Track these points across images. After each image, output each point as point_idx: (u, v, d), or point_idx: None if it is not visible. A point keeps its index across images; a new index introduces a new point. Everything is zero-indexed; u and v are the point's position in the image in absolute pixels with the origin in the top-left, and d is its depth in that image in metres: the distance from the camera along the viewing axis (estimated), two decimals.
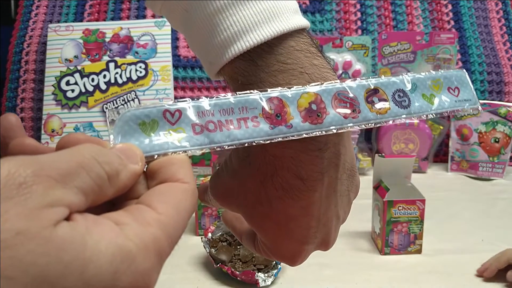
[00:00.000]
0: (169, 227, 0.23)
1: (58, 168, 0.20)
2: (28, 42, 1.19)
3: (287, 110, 0.30)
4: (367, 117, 0.32)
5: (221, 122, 0.29)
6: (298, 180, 0.32)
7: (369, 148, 1.13)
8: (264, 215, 0.34)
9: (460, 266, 0.66)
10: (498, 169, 1.06)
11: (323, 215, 0.35)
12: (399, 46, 1.08)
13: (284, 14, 0.32)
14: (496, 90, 1.17)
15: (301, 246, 0.36)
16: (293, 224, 0.34)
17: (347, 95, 0.31)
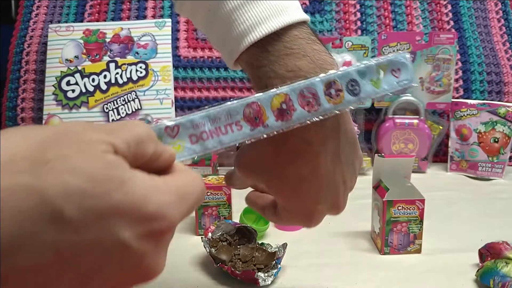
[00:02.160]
0: (184, 190, 0.29)
1: (107, 125, 0.27)
2: (28, 42, 1.19)
3: (263, 112, 0.37)
4: (326, 109, 0.38)
5: (211, 131, 0.35)
6: (305, 145, 0.40)
7: (369, 148, 1.13)
8: (280, 179, 0.41)
9: (460, 266, 0.67)
10: (497, 169, 1.06)
11: (330, 178, 0.42)
12: (399, 46, 1.09)
13: (289, 10, 0.41)
14: (495, 90, 1.17)
15: (314, 206, 0.43)
16: (305, 186, 0.41)
17: (310, 91, 0.37)
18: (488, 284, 0.60)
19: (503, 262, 0.60)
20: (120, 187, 0.25)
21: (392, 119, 1.09)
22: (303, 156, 0.40)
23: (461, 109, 1.09)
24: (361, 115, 1.12)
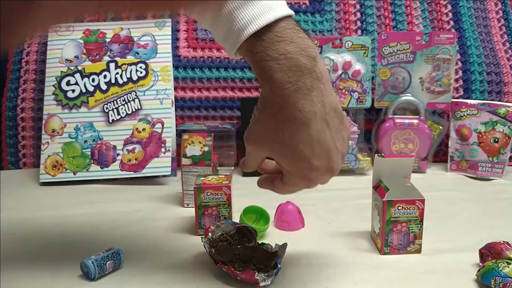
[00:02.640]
0: None
1: None
2: (28, 42, 1.19)
3: None
4: None
5: None
6: (298, 112, 0.50)
7: (369, 148, 1.13)
8: (281, 143, 0.52)
9: (460, 266, 0.67)
10: (497, 169, 1.06)
11: (322, 140, 0.52)
12: (399, 46, 1.09)
13: (277, 7, 0.51)
14: (495, 90, 1.17)
15: (311, 164, 0.53)
16: (301, 146, 0.52)
17: None
18: (489, 284, 0.60)
19: (504, 262, 0.60)
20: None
21: (392, 119, 1.09)
22: (297, 122, 0.51)
23: (461, 109, 1.09)
24: (361, 115, 1.12)
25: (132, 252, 0.69)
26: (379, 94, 1.11)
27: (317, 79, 0.51)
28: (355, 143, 1.08)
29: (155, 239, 0.76)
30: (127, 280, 0.64)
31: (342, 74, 1.09)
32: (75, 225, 0.82)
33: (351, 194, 0.96)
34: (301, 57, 0.50)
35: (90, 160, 1.05)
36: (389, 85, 1.11)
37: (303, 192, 0.96)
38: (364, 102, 1.10)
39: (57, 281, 0.64)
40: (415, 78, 1.10)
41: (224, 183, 0.76)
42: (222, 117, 1.17)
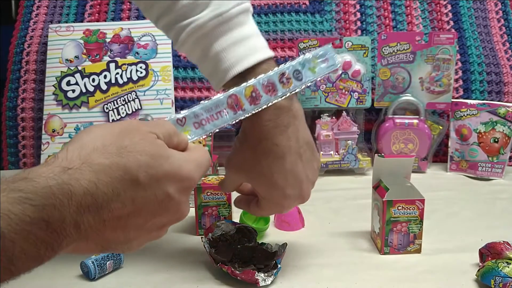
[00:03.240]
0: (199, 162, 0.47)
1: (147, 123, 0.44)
2: (28, 42, 1.19)
3: (240, 100, 0.53)
4: (282, 93, 0.55)
5: (208, 118, 0.52)
6: (275, 146, 0.56)
7: (369, 148, 1.13)
8: (258, 172, 0.57)
9: (460, 266, 0.67)
10: (497, 169, 1.06)
11: (294, 171, 0.57)
12: (399, 46, 1.09)
13: (261, 49, 0.57)
14: (495, 90, 1.17)
15: (285, 192, 0.58)
16: (276, 176, 0.57)
17: (269, 82, 0.54)
18: (489, 284, 0.60)
19: (504, 262, 0.60)
20: (166, 160, 0.42)
21: (392, 119, 1.09)
22: (273, 154, 0.56)
23: (461, 109, 1.09)
24: (361, 115, 1.12)
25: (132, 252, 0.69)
26: (379, 94, 1.12)
27: (293, 117, 0.57)
28: (355, 143, 1.08)
29: None
30: (127, 280, 0.64)
31: (342, 74, 1.09)
32: None
33: (351, 194, 0.96)
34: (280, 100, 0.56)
35: None
36: (389, 85, 1.11)
37: None
38: (364, 102, 1.10)
39: (57, 280, 0.64)
40: (415, 78, 1.10)
41: None
42: None
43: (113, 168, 0.39)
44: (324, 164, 1.07)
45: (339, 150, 1.08)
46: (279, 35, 1.20)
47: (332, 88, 1.09)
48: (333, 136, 1.08)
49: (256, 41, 0.58)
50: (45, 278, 0.64)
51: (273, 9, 1.22)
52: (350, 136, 1.08)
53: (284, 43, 1.19)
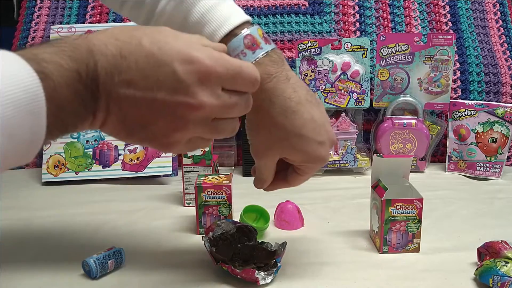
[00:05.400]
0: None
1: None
2: (30, 43, 1.20)
3: (257, 39, 0.55)
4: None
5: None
6: (287, 100, 0.56)
7: (368, 148, 1.14)
8: (286, 138, 0.56)
9: (458, 265, 0.67)
10: (495, 169, 1.07)
11: (315, 117, 0.57)
12: (397, 47, 1.09)
13: (240, 12, 0.58)
14: (493, 90, 1.18)
15: (317, 141, 0.57)
16: (304, 131, 0.56)
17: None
18: (487, 283, 0.60)
19: (502, 261, 0.61)
20: (175, 37, 0.44)
21: (391, 119, 1.10)
22: (289, 110, 0.55)
23: (459, 110, 1.09)
24: (360, 115, 1.13)
25: (133, 251, 0.70)
26: (378, 95, 1.12)
27: (288, 69, 0.57)
28: (354, 143, 1.09)
29: (156, 238, 0.76)
30: (129, 279, 0.65)
31: (341, 75, 1.09)
32: (77, 224, 0.83)
33: (350, 193, 0.97)
34: (273, 53, 0.56)
35: (92, 160, 1.06)
36: (387, 85, 1.12)
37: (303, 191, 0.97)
38: (363, 102, 1.10)
39: (59, 279, 0.65)
40: (413, 78, 1.11)
41: (224, 182, 0.77)
42: None
43: (122, 34, 0.43)
44: None
45: (338, 150, 1.09)
46: (279, 36, 1.20)
47: (331, 88, 1.10)
48: None
49: (233, 4, 0.59)
50: (47, 276, 0.65)
51: (272, 11, 1.23)
52: (349, 136, 1.09)
53: (283, 44, 1.20)
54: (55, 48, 0.40)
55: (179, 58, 0.43)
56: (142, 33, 0.43)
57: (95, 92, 0.41)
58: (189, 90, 0.43)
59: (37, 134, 0.37)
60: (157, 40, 0.43)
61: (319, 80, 1.10)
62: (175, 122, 0.45)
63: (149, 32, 0.44)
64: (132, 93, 0.42)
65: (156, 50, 0.42)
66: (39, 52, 0.39)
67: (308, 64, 1.09)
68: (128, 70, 0.42)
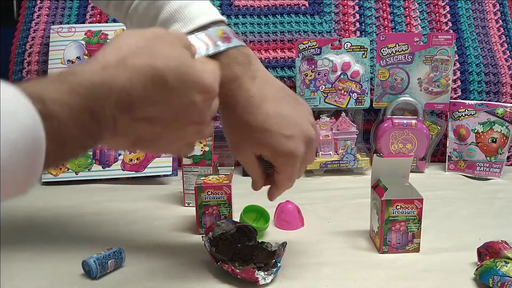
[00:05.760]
0: None
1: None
2: (30, 43, 1.20)
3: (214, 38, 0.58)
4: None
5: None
6: (251, 98, 0.58)
7: (368, 148, 1.14)
8: (254, 133, 0.59)
9: (458, 265, 0.67)
10: (495, 169, 1.07)
11: (283, 113, 0.59)
12: (397, 47, 1.09)
13: (213, 11, 0.61)
14: (493, 90, 1.18)
15: (284, 134, 0.59)
16: (268, 122, 0.58)
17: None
18: (487, 283, 0.60)
19: (502, 261, 0.61)
20: (192, 68, 0.46)
21: (391, 119, 1.10)
22: (253, 106, 0.58)
23: (459, 110, 1.09)
24: (360, 115, 1.13)
25: (133, 251, 0.70)
26: (378, 95, 1.12)
27: (256, 70, 0.59)
28: (354, 143, 1.09)
29: (156, 238, 0.76)
30: (129, 279, 0.65)
31: (341, 75, 1.09)
32: (77, 224, 0.83)
33: (350, 193, 0.97)
34: (238, 55, 0.58)
35: (92, 160, 1.06)
36: (387, 85, 1.12)
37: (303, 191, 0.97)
38: (363, 102, 1.10)
39: (59, 279, 0.65)
40: (413, 78, 1.11)
41: (224, 182, 0.77)
42: None
43: (145, 68, 0.43)
44: (323, 164, 1.07)
45: (338, 150, 1.09)
46: (279, 36, 1.20)
47: (331, 88, 1.10)
48: (332, 136, 1.08)
49: (207, 3, 0.61)
50: (47, 276, 0.65)
51: (272, 11, 1.23)
52: (349, 136, 1.09)
53: (283, 44, 1.20)
54: (67, 86, 0.39)
55: (198, 89, 0.47)
56: (166, 66, 0.45)
57: (109, 126, 0.42)
58: (202, 114, 0.49)
59: (33, 173, 0.37)
60: (181, 76, 0.45)
61: (319, 80, 1.10)
62: (184, 136, 0.51)
63: (172, 65, 0.45)
64: (151, 125, 0.46)
65: (177, 85, 0.45)
66: (46, 90, 0.37)
67: (308, 64, 1.09)
68: (153, 105, 0.45)
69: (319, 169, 1.08)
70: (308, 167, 1.07)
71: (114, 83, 0.42)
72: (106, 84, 0.41)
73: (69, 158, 0.41)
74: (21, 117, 0.34)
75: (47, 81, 0.39)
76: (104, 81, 0.41)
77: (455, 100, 1.12)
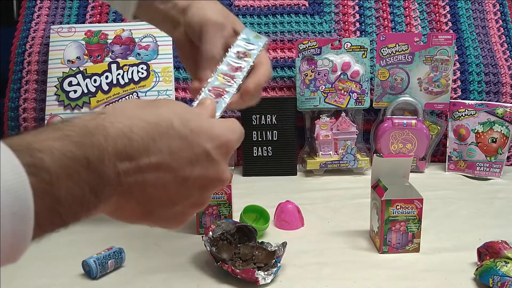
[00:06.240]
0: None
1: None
2: (30, 43, 1.20)
3: (219, 87, 0.57)
4: (245, 65, 0.60)
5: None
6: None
7: (368, 148, 1.14)
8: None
9: (458, 265, 0.67)
10: (495, 169, 1.07)
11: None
12: (397, 47, 1.09)
13: None
14: (493, 90, 1.18)
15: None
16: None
17: (230, 63, 0.59)
18: (487, 283, 0.60)
19: (502, 261, 0.61)
20: (199, 116, 0.43)
21: (391, 119, 1.10)
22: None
23: (459, 110, 1.09)
24: (360, 115, 1.13)
25: (133, 251, 0.70)
26: (378, 95, 1.12)
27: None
28: (354, 143, 1.09)
29: (156, 238, 0.76)
30: (129, 279, 0.65)
31: (341, 75, 1.09)
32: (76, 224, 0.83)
33: (350, 193, 0.97)
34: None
35: None
36: (387, 85, 1.12)
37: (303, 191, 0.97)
38: (363, 102, 1.10)
39: (59, 279, 0.65)
40: (413, 78, 1.11)
41: None
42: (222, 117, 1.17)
43: (147, 115, 0.39)
44: (323, 164, 1.07)
45: (338, 150, 1.09)
46: (279, 36, 1.20)
47: (331, 88, 1.10)
48: (332, 136, 1.08)
49: None
50: (47, 276, 0.65)
51: (272, 11, 1.23)
52: (349, 136, 1.09)
53: (284, 44, 1.20)
54: (59, 133, 0.35)
55: (211, 140, 0.43)
56: (171, 112, 0.41)
57: (109, 178, 0.37)
58: (220, 167, 0.44)
59: (21, 237, 0.32)
60: (187, 120, 0.41)
61: (319, 80, 1.10)
62: (201, 197, 0.45)
63: (178, 111, 0.42)
64: (161, 176, 0.40)
65: (189, 133, 0.41)
66: (36, 140, 0.33)
67: (308, 64, 1.09)
68: (158, 153, 0.39)
69: (319, 169, 1.08)
70: (308, 167, 1.07)
71: (111, 128, 0.37)
72: (101, 129, 0.36)
73: (70, 219, 0.36)
74: (4, 174, 0.30)
75: (39, 130, 0.35)
76: (99, 126, 0.37)
77: (455, 100, 1.12)
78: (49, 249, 0.73)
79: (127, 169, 0.38)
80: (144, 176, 0.39)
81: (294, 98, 1.11)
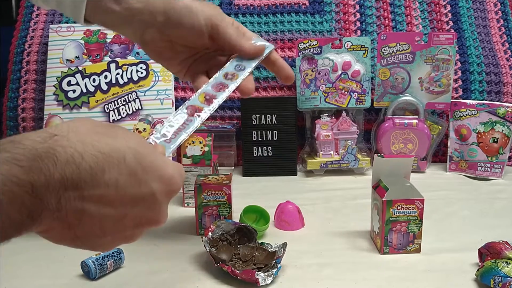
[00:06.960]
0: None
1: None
2: (29, 42, 1.19)
3: (198, 106, 0.55)
4: (232, 86, 0.58)
5: (175, 132, 0.52)
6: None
7: (368, 148, 1.14)
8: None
9: (459, 265, 0.67)
10: (496, 169, 1.06)
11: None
12: (398, 46, 1.09)
13: None
14: (494, 90, 1.17)
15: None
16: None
17: (217, 83, 0.59)
18: (488, 284, 0.60)
19: (503, 262, 0.60)
20: (153, 153, 0.42)
21: (392, 119, 1.09)
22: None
23: (461, 109, 1.09)
24: (361, 115, 1.12)
25: (132, 252, 0.70)
26: (379, 94, 1.12)
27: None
28: (354, 143, 1.08)
29: (155, 239, 0.76)
30: (128, 280, 0.65)
31: (342, 74, 1.09)
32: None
33: (351, 194, 0.96)
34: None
35: None
36: (388, 85, 1.11)
37: (303, 191, 0.97)
38: (363, 102, 1.10)
39: (57, 280, 0.64)
40: (414, 78, 1.11)
41: (224, 183, 0.77)
42: (222, 117, 1.17)
43: (101, 144, 0.38)
44: (324, 164, 1.07)
45: (338, 150, 1.08)
46: (279, 35, 1.20)
47: (332, 88, 1.09)
48: (333, 136, 1.08)
49: None
50: (46, 277, 0.65)
51: (273, 10, 1.22)
52: (349, 136, 1.08)
53: (284, 44, 1.19)
54: (7, 155, 0.34)
55: (160, 180, 0.42)
56: (126, 146, 0.40)
57: (50, 203, 0.36)
58: (161, 209, 0.43)
59: None
60: (141, 156, 0.40)
61: (320, 79, 1.09)
62: (133, 233, 0.44)
63: (133, 145, 0.40)
64: (101, 208, 0.39)
65: (140, 170, 0.40)
66: None
67: (308, 63, 1.09)
68: (104, 186, 0.38)
69: (320, 169, 1.07)
70: (308, 167, 1.07)
71: (62, 153, 0.36)
72: (51, 154, 0.36)
73: (1, 240, 0.35)
74: None
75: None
76: (49, 150, 0.36)
77: (456, 100, 1.12)
78: (49, 250, 0.72)
79: (69, 197, 0.37)
80: (84, 205, 0.38)
81: (294, 98, 1.10)
